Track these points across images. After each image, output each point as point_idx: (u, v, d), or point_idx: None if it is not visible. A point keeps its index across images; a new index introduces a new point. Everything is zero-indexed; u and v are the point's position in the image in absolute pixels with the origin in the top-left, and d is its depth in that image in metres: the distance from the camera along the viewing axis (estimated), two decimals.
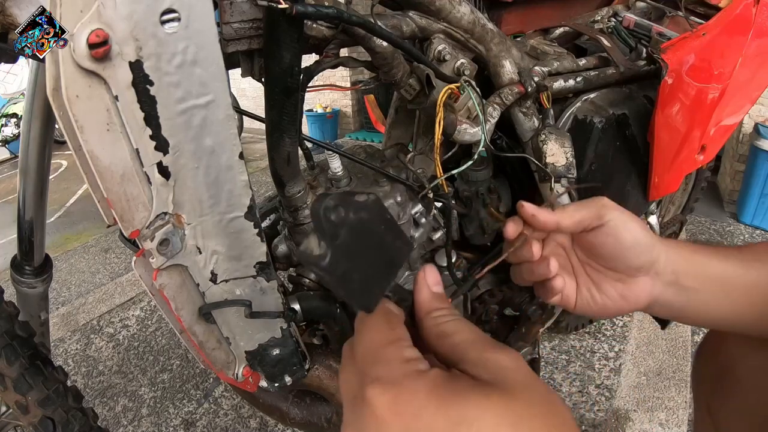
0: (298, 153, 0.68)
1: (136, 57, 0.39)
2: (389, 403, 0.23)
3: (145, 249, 0.48)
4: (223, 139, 0.48)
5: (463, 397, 0.23)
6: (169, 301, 0.53)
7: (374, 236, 0.30)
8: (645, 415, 1.43)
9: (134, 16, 0.37)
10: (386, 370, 0.25)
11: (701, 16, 0.99)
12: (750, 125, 2.54)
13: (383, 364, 0.26)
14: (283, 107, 0.58)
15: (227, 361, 0.65)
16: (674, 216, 1.58)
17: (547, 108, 0.77)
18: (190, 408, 1.61)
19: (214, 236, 0.53)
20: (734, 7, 0.82)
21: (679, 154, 0.86)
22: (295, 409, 0.89)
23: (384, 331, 0.30)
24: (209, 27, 0.42)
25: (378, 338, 0.28)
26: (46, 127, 0.83)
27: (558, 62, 0.84)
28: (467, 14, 0.70)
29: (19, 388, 0.74)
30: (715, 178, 2.98)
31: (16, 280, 0.95)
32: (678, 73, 0.80)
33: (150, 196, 0.46)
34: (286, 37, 0.50)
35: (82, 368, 1.86)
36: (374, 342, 0.28)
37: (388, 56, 0.66)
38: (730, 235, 2.41)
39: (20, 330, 0.77)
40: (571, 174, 0.75)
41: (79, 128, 0.39)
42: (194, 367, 1.80)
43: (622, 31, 0.96)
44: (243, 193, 0.52)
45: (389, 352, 0.27)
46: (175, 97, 0.43)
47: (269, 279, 0.61)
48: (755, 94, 0.88)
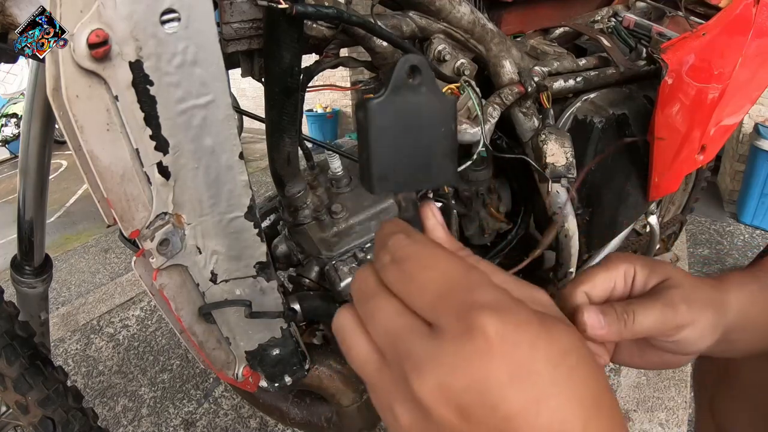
0: (298, 153, 0.68)
1: (136, 57, 0.39)
2: (508, 332, 0.20)
3: (145, 249, 0.48)
4: (223, 139, 0.48)
5: (558, 327, 0.22)
6: (169, 301, 0.53)
7: (430, 131, 0.27)
8: (645, 415, 1.43)
9: (134, 16, 0.37)
10: (490, 296, 0.22)
11: (701, 16, 0.99)
12: (750, 125, 2.54)
13: (484, 290, 0.22)
14: (283, 107, 0.58)
15: (227, 361, 0.65)
16: (674, 216, 1.58)
17: (547, 108, 0.77)
18: (190, 408, 1.61)
19: (214, 236, 0.53)
20: (734, 7, 0.82)
21: (679, 154, 0.86)
22: (295, 409, 0.89)
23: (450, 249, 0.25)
24: (209, 27, 0.42)
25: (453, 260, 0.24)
26: (46, 127, 0.83)
27: (558, 62, 0.84)
28: (467, 14, 0.70)
29: (19, 388, 0.74)
30: (715, 178, 2.97)
31: (16, 280, 0.95)
32: (678, 73, 0.80)
33: (150, 196, 0.46)
34: (286, 37, 0.50)
35: (82, 368, 1.86)
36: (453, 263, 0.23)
37: (388, 56, 0.66)
38: (730, 235, 2.41)
39: (20, 330, 0.77)
40: (571, 174, 0.75)
41: (79, 128, 0.39)
42: (194, 367, 1.80)
43: (622, 31, 0.96)
44: (243, 193, 0.52)
45: (478, 276, 0.23)
46: (175, 97, 0.43)
47: (269, 279, 0.61)
48: (755, 94, 0.88)
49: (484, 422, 0.20)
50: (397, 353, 0.22)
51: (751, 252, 2.23)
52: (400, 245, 0.24)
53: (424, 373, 0.21)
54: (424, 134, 0.27)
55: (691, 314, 0.36)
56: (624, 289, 0.38)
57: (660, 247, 1.43)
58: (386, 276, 0.24)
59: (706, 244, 2.33)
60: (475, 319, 0.20)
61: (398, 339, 0.22)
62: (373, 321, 0.24)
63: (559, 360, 0.21)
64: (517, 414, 0.20)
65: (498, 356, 0.20)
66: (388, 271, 0.24)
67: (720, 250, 2.27)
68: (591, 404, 0.21)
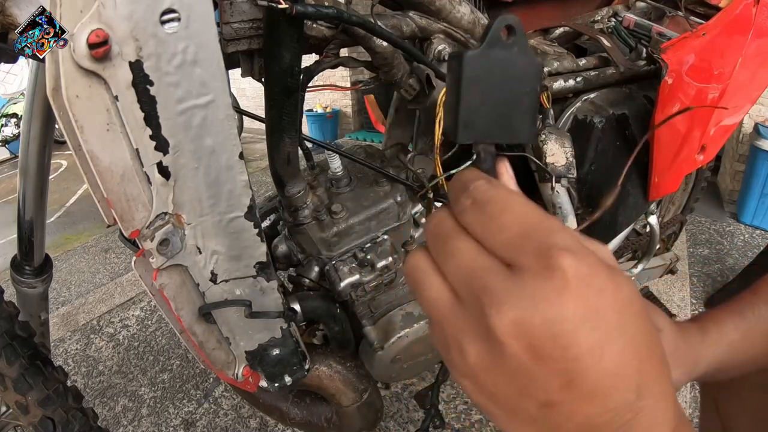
0: (298, 153, 0.68)
1: (136, 57, 0.39)
2: (584, 274, 0.21)
3: (145, 249, 0.48)
4: (223, 139, 0.48)
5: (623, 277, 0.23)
6: (169, 301, 0.53)
7: (517, 88, 0.28)
8: None
9: (134, 16, 0.37)
10: (568, 240, 0.22)
11: (701, 16, 0.99)
12: (750, 125, 2.54)
13: (562, 233, 0.22)
14: (283, 107, 0.58)
15: (227, 361, 0.65)
16: (674, 216, 1.58)
17: (547, 108, 0.77)
18: (190, 408, 1.61)
19: (214, 236, 0.53)
20: (734, 7, 0.82)
21: (679, 154, 0.86)
22: (295, 409, 0.89)
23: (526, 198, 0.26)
24: (209, 27, 0.42)
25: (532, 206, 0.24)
26: (46, 127, 0.83)
27: (558, 62, 0.84)
28: (467, 14, 0.70)
29: (19, 388, 0.74)
30: (715, 178, 2.98)
31: (16, 280, 0.95)
32: (678, 73, 0.80)
33: (150, 196, 0.46)
34: (286, 37, 0.50)
35: (82, 368, 1.86)
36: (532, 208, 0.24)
37: (388, 56, 0.66)
38: (730, 235, 2.41)
39: (20, 330, 0.77)
40: (571, 174, 0.75)
41: (79, 128, 0.39)
42: (194, 367, 1.80)
43: (622, 31, 0.96)
44: (243, 193, 0.52)
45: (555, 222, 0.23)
46: (175, 97, 0.43)
47: (269, 279, 0.61)
48: (755, 94, 0.88)
49: (553, 360, 0.21)
50: (474, 291, 0.23)
51: (751, 252, 2.23)
52: (482, 188, 0.25)
53: (503, 308, 0.21)
54: (511, 91, 0.28)
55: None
56: None
57: (660, 247, 1.43)
58: (466, 218, 0.25)
59: (706, 244, 2.33)
60: (556, 258, 0.21)
61: (476, 277, 0.23)
62: (451, 260, 0.24)
63: (624, 307, 0.22)
64: (583, 355, 0.20)
65: (574, 296, 0.21)
66: (469, 212, 0.25)
67: (720, 250, 2.27)
68: (645, 351, 0.22)
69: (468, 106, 0.28)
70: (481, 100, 0.28)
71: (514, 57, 0.27)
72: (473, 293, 0.23)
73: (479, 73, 0.27)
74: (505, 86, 0.28)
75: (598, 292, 0.21)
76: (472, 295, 0.23)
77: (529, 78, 0.28)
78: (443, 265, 0.25)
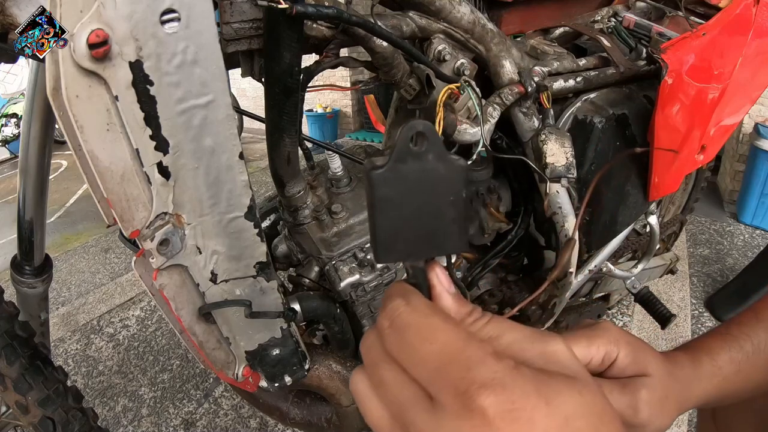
0: (298, 153, 0.68)
1: (136, 57, 0.39)
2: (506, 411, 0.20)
3: (145, 249, 0.48)
4: (223, 139, 0.48)
5: (559, 393, 0.22)
6: (169, 301, 0.53)
7: (438, 199, 0.26)
8: None
9: (134, 16, 0.37)
10: (488, 373, 0.21)
11: (701, 16, 0.99)
12: (750, 125, 2.54)
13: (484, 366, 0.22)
14: (283, 107, 0.58)
15: (227, 361, 0.65)
16: (674, 216, 1.57)
17: (547, 108, 0.77)
18: (190, 408, 1.61)
19: (214, 236, 0.53)
20: (734, 7, 0.82)
21: (679, 154, 0.86)
22: (295, 409, 0.89)
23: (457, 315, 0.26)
24: (209, 27, 0.42)
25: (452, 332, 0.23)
26: (46, 127, 0.83)
27: (558, 62, 0.84)
28: (467, 14, 0.70)
29: (19, 388, 0.74)
30: (715, 178, 2.98)
31: (16, 280, 0.95)
32: (678, 73, 0.80)
33: (150, 196, 0.46)
34: (286, 37, 0.50)
35: (82, 368, 1.86)
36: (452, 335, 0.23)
37: (388, 56, 0.66)
38: (730, 235, 2.41)
39: (20, 330, 0.77)
40: (571, 174, 0.75)
41: (79, 128, 0.39)
42: (194, 367, 1.80)
43: (622, 31, 0.96)
44: (243, 193, 0.52)
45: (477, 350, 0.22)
46: (175, 97, 0.43)
47: (269, 279, 0.61)
48: (755, 94, 0.88)
49: None
50: (404, 424, 0.23)
51: (751, 252, 2.23)
52: (397, 312, 0.25)
53: None
54: (431, 202, 0.26)
55: (651, 418, 0.38)
56: (599, 368, 0.38)
57: (660, 247, 1.43)
58: (387, 344, 0.25)
59: (706, 244, 2.33)
60: (473, 398, 0.21)
61: (403, 410, 0.23)
62: (381, 390, 0.25)
63: (561, 429, 0.21)
64: None
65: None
66: (389, 338, 0.25)
67: (720, 250, 2.27)
68: None
69: (384, 228, 0.26)
70: (400, 218, 0.26)
71: (430, 165, 0.25)
72: (404, 426, 0.23)
73: (391, 191, 0.25)
74: (424, 199, 0.26)
75: (526, 424, 0.20)
76: (403, 426, 0.23)
77: (451, 184, 0.26)
78: (377, 391, 0.25)
